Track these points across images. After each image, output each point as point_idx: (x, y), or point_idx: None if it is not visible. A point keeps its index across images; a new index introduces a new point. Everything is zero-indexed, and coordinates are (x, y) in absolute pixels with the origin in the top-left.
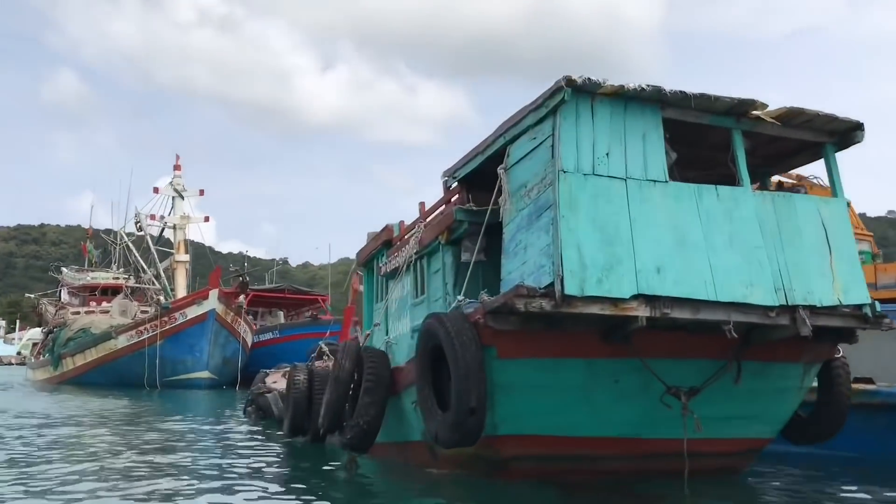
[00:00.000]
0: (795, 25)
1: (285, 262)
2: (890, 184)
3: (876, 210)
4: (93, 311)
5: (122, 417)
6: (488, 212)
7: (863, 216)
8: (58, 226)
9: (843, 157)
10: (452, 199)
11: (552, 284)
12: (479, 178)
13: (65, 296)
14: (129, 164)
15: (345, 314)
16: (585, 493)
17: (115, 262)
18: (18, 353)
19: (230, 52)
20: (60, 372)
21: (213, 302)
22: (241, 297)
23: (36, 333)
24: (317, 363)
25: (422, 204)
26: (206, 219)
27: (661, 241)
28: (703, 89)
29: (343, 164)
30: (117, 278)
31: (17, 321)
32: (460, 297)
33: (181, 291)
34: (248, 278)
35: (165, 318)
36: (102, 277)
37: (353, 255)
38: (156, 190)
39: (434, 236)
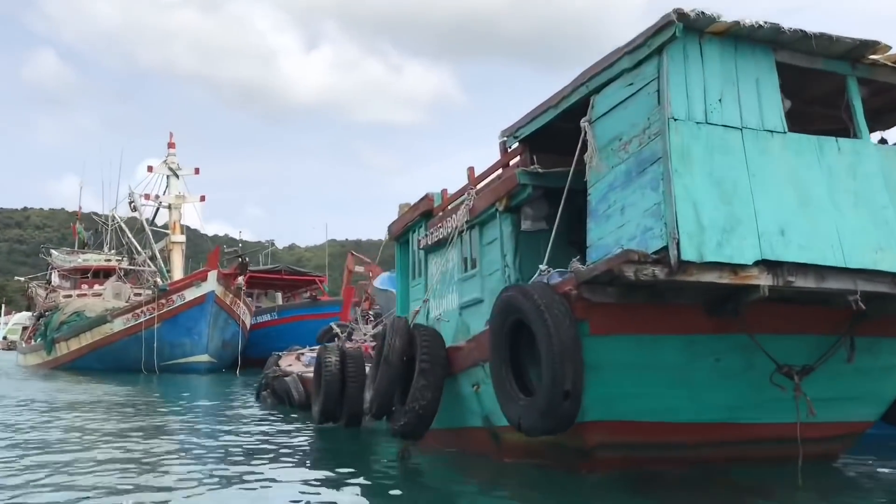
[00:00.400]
0: (782, 6)
1: (272, 244)
2: None
3: None
4: (84, 295)
5: (128, 403)
6: (570, 173)
7: None
8: (41, 209)
9: None
10: (511, 163)
11: (664, 249)
12: (543, 138)
13: (55, 279)
14: (112, 146)
15: (344, 295)
16: (679, 486)
17: (106, 244)
18: (4, 338)
19: (214, 32)
20: (54, 357)
21: (212, 283)
22: (240, 279)
23: (23, 318)
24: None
25: (471, 169)
26: (202, 198)
27: (783, 199)
28: None
29: (328, 145)
30: (109, 260)
31: (3, 305)
32: (543, 267)
33: (178, 273)
34: (247, 259)
35: (163, 301)
36: (94, 260)
37: (340, 237)
38: (150, 169)
39: (490, 203)
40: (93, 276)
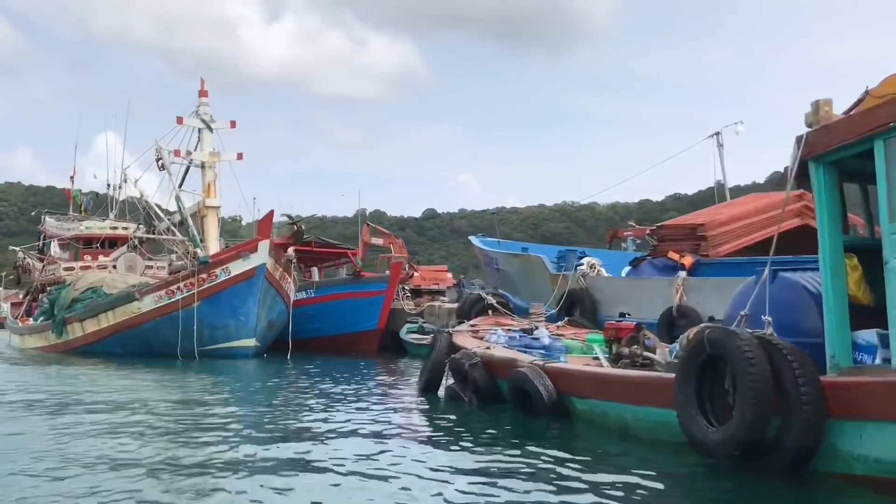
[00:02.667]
0: None
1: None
2: None
3: None
4: (89, 267)
5: (194, 401)
6: None
7: None
8: None
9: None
10: None
11: None
12: None
13: (55, 248)
14: (67, 117)
15: (392, 269)
16: None
17: (112, 210)
18: None
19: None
20: (65, 339)
21: (262, 255)
22: (291, 250)
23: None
24: (477, 323)
25: None
26: (240, 156)
27: None
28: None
29: (290, 118)
30: (116, 227)
31: None
32: None
33: (213, 244)
34: (303, 226)
35: (203, 276)
36: (99, 227)
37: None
38: (179, 120)
39: None
40: (101, 245)
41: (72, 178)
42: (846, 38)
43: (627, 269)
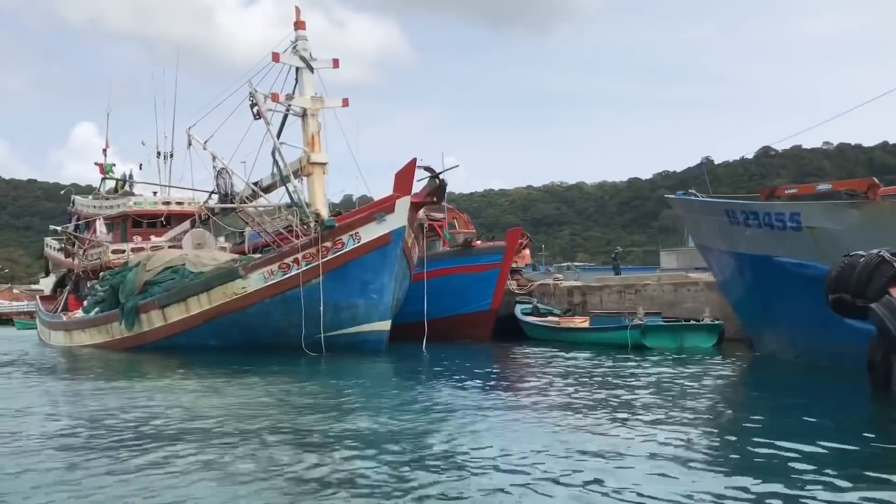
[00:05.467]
0: None
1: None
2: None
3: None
4: (140, 248)
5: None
6: None
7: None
8: None
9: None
10: None
11: None
12: None
13: (101, 228)
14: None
15: (508, 238)
16: None
17: (164, 176)
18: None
19: None
20: (138, 332)
21: (401, 216)
22: (422, 212)
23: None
24: None
25: None
26: (345, 102)
27: None
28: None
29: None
30: (169, 203)
31: None
32: None
33: (321, 207)
34: (445, 181)
35: (327, 244)
36: (150, 203)
37: None
38: (276, 57)
39: None
40: (160, 223)
41: (104, 150)
42: (827, 12)
43: None
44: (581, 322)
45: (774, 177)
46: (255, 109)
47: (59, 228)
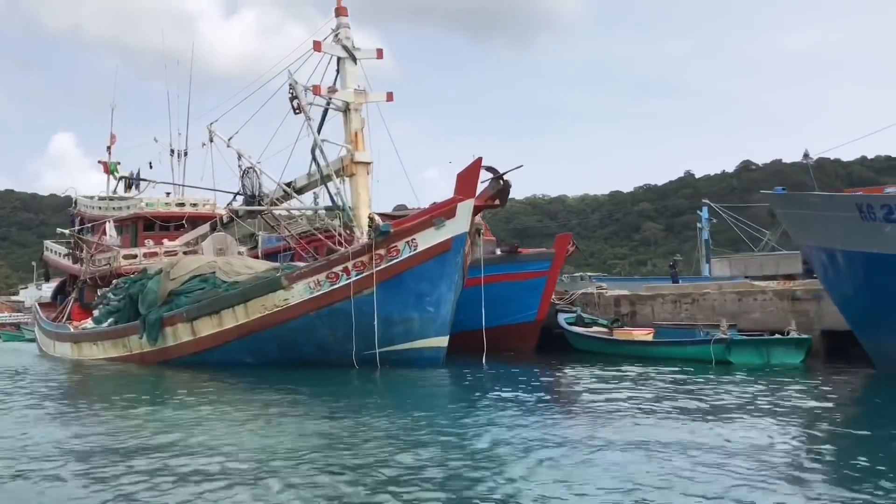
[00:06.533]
0: None
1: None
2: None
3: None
4: (154, 254)
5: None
6: None
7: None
8: None
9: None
10: None
11: None
12: None
13: (111, 231)
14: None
15: (557, 244)
16: None
17: (177, 176)
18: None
19: None
20: (161, 346)
21: (462, 221)
22: (479, 217)
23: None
24: None
25: None
26: (390, 96)
27: None
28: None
29: (252, 115)
30: (183, 204)
31: None
32: None
33: (364, 211)
34: (510, 183)
35: (380, 252)
36: (163, 204)
37: None
38: (317, 46)
39: None
40: (176, 226)
41: (109, 147)
42: (804, 27)
43: None
44: (644, 334)
45: (755, 190)
46: (294, 103)
47: (66, 231)
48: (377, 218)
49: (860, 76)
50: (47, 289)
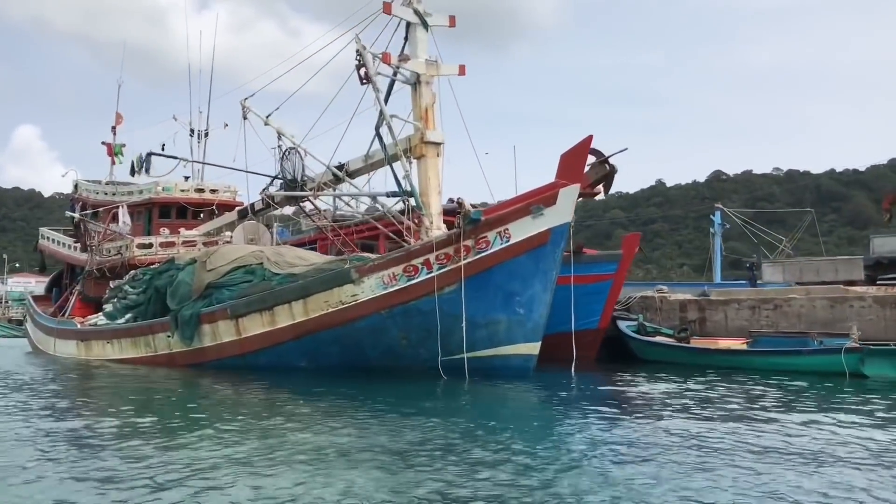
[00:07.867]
0: None
1: None
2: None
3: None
4: (171, 244)
5: None
6: None
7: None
8: None
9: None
10: None
11: None
12: None
13: (124, 218)
14: None
15: (625, 244)
16: None
17: (196, 154)
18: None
19: None
20: (197, 346)
21: (564, 210)
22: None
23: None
24: None
25: None
26: (462, 69)
27: None
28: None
29: (222, 113)
30: (203, 189)
31: None
32: None
33: (434, 197)
34: (615, 168)
35: (468, 243)
36: (180, 189)
37: None
38: (387, 8)
39: None
40: (183, 214)
41: (114, 128)
42: (772, 41)
43: None
44: (736, 344)
45: (726, 200)
46: (362, 71)
47: (75, 216)
48: (467, 203)
49: (832, 91)
50: (14, 284)
